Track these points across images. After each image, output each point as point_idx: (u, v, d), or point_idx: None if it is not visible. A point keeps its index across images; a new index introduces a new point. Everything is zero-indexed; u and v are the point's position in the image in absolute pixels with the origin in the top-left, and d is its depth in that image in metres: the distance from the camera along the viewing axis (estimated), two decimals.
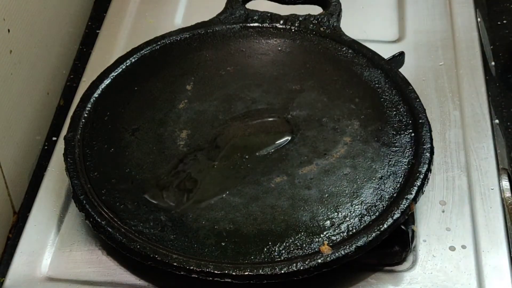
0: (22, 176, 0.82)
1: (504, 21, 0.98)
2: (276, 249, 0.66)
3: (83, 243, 0.72)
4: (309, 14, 0.87)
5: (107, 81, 0.80)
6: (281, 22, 0.87)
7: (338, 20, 0.87)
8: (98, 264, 0.70)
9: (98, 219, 0.68)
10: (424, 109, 0.77)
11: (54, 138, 0.85)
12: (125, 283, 0.69)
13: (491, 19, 0.98)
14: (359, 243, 0.66)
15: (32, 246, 0.72)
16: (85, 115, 0.77)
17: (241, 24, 0.87)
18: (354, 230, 0.67)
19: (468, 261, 0.70)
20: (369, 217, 0.68)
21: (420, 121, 0.75)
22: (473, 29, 0.93)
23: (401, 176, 0.71)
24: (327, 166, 0.73)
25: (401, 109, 0.77)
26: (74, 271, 0.70)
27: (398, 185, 0.71)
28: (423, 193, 0.70)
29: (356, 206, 0.69)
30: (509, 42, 0.96)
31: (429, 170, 0.71)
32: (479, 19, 0.95)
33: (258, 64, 0.84)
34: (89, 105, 0.78)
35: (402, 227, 0.69)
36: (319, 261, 0.65)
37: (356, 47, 0.84)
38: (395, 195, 0.70)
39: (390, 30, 0.94)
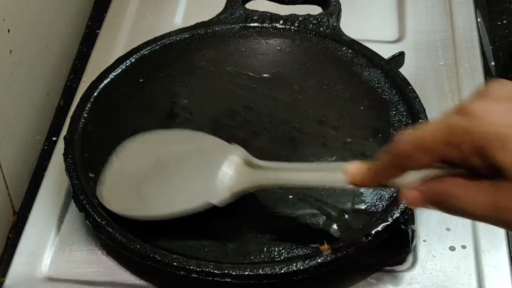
0: (22, 176, 0.82)
1: (504, 21, 0.98)
2: (276, 248, 0.66)
3: (83, 243, 0.72)
4: (308, 14, 0.87)
5: (106, 81, 0.80)
6: (281, 22, 0.87)
7: (338, 20, 0.87)
8: (98, 264, 0.70)
9: (98, 219, 0.68)
10: (424, 109, 0.77)
11: (54, 138, 0.85)
12: (125, 283, 0.69)
13: (491, 19, 0.98)
14: (359, 243, 0.66)
15: (32, 246, 0.72)
16: (85, 115, 0.77)
17: (241, 24, 0.87)
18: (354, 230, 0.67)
19: (468, 261, 0.70)
20: (369, 217, 0.68)
21: (420, 121, 0.75)
22: (473, 29, 0.93)
23: None
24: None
25: (401, 109, 0.77)
26: (74, 271, 0.70)
27: None
28: None
29: (356, 206, 0.69)
30: (509, 42, 0.96)
31: None
32: (479, 19, 0.95)
33: (258, 64, 0.84)
34: (89, 105, 0.78)
35: (402, 227, 0.69)
36: (319, 261, 0.65)
37: (356, 47, 0.84)
38: (395, 195, 0.70)
39: (390, 30, 0.94)
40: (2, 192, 0.77)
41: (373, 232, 0.66)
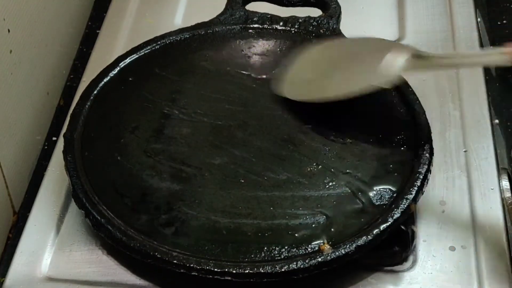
0: (22, 176, 0.82)
1: (504, 21, 0.98)
2: (276, 247, 0.66)
3: (83, 243, 0.72)
4: (309, 16, 0.87)
5: (106, 80, 0.80)
6: (281, 23, 0.87)
7: (338, 22, 0.87)
8: (98, 263, 0.70)
9: (98, 217, 0.68)
10: (424, 110, 0.77)
11: (54, 138, 0.85)
12: (125, 282, 0.69)
13: (491, 19, 0.98)
14: (359, 242, 0.66)
15: (32, 246, 0.72)
16: (85, 113, 0.77)
17: (241, 25, 0.87)
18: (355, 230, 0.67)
19: (468, 261, 0.70)
20: (369, 217, 0.68)
21: (420, 121, 0.75)
22: (473, 29, 0.93)
23: (401, 177, 0.71)
24: (327, 166, 0.73)
25: (400, 110, 0.77)
26: (74, 271, 0.70)
27: (398, 185, 0.71)
28: (423, 193, 0.70)
29: (356, 206, 0.69)
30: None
31: (428, 170, 0.71)
32: (479, 19, 0.95)
33: (258, 65, 0.84)
34: (89, 103, 0.78)
35: (402, 227, 0.69)
36: (319, 259, 0.65)
37: None
38: (395, 195, 0.70)
39: (390, 30, 0.94)
40: (2, 192, 0.77)
41: (373, 232, 0.66)
